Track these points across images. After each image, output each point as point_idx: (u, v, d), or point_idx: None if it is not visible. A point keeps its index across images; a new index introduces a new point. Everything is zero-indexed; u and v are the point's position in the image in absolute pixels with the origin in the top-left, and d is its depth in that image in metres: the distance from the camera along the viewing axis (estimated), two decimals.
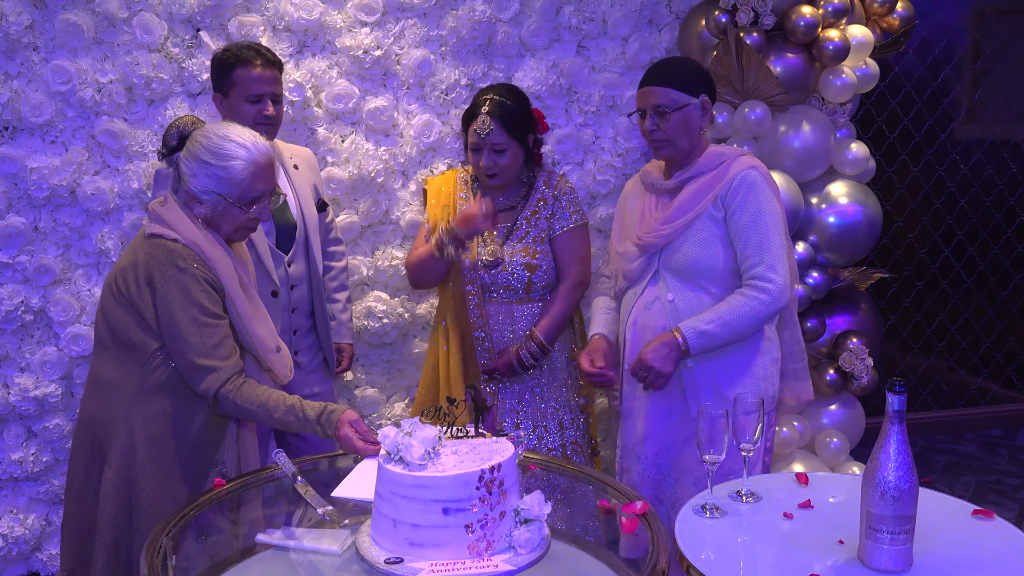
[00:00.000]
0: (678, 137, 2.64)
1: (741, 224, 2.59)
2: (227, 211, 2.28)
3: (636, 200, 2.84)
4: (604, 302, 2.97)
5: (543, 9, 3.55)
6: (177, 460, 2.27)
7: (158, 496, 2.24)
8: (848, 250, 3.49)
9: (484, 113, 2.98)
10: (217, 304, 2.24)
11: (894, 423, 1.72)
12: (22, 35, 3.13)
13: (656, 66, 2.74)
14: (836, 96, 3.44)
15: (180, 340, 2.20)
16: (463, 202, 3.12)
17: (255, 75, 2.91)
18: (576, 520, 2.09)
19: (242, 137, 2.28)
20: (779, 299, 2.57)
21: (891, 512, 1.71)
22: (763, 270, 2.57)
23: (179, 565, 1.87)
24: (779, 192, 2.71)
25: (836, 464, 3.58)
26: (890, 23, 3.58)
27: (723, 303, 2.59)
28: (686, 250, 2.64)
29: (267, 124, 2.94)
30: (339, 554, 1.90)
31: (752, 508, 2.06)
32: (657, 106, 2.63)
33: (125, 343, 2.27)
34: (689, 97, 2.63)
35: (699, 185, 2.65)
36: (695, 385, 2.66)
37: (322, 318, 3.17)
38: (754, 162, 2.67)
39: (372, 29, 3.47)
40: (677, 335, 2.55)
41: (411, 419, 1.88)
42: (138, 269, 2.24)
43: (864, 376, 3.49)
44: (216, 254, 2.27)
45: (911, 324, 5.00)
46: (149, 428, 2.25)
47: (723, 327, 2.55)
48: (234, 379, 2.22)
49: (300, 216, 3.07)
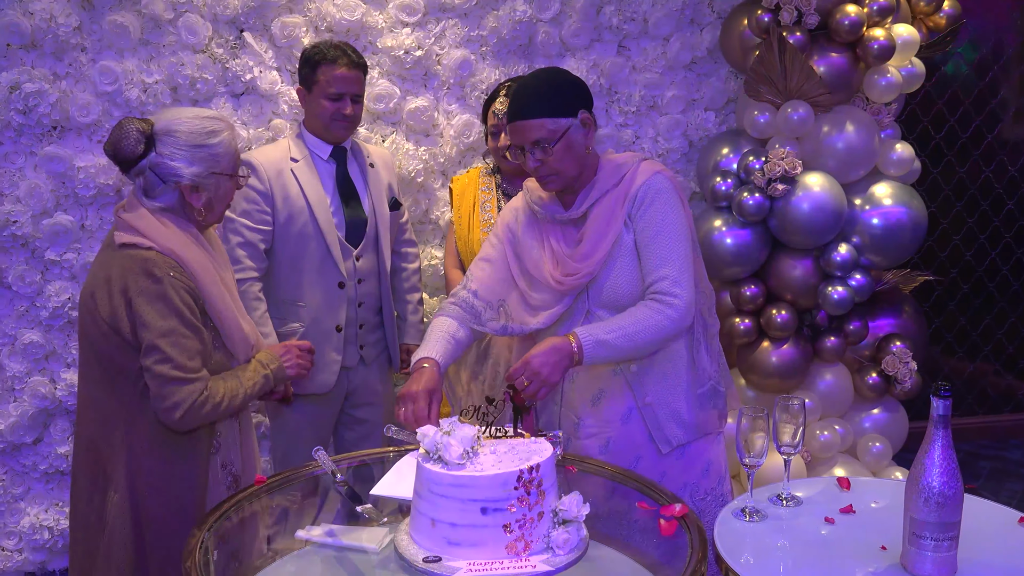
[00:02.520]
0: (566, 167, 2.31)
1: (644, 235, 2.31)
2: (223, 188, 2.28)
3: (532, 235, 2.47)
4: (449, 326, 2.43)
5: (584, 9, 3.54)
6: (183, 476, 2.23)
7: (166, 515, 2.22)
8: (892, 252, 3.44)
9: (502, 95, 3.09)
10: (195, 314, 2.18)
11: (938, 428, 1.69)
12: (70, 36, 3.19)
13: (520, 95, 2.31)
14: (881, 96, 3.40)
15: (157, 352, 2.11)
16: (484, 195, 3.20)
17: (338, 74, 2.99)
18: (614, 522, 2.08)
19: (207, 113, 2.29)
20: (685, 316, 2.27)
21: (935, 518, 1.69)
22: (668, 284, 2.27)
23: (220, 561, 1.89)
24: (686, 200, 2.42)
25: (878, 469, 3.54)
26: (937, 22, 3.52)
27: (625, 314, 2.27)
28: (613, 283, 2.34)
29: (345, 122, 3.05)
30: (377, 552, 1.90)
31: (792, 512, 2.04)
32: (536, 141, 2.27)
33: (115, 368, 2.19)
34: (567, 120, 2.28)
35: (604, 207, 2.35)
36: (658, 423, 2.40)
37: (389, 316, 3.25)
38: (656, 167, 2.37)
39: (413, 29, 3.48)
40: (572, 340, 2.20)
41: (450, 418, 1.89)
42: (112, 285, 2.15)
43: (907, 380, 3.44)
44: (193, 256, 2.20)
45: (956, 327, 4.93)
46: (152, 449, 2.21)
47: (625, 339, 2.23)
48: (204, 391, 2.17)
49: (372, 212, 3.15)
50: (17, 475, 3.42)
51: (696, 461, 2.44)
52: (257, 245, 3.01)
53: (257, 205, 3.00)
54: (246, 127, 3.41)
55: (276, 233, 3.03)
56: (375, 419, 3.27)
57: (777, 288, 3.47)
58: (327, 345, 3.10)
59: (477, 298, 2.49)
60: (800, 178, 3.29)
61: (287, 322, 3.08)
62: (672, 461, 2.41)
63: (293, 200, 3.02)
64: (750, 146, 3.50)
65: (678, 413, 2.41)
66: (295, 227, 3.03)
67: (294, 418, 3.17)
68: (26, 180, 3.22)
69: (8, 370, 3.33)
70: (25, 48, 3.19)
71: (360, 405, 3.27)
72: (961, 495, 1.70)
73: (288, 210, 3.02)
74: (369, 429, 3.28)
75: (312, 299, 3.07)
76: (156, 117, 2.25)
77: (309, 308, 3.07)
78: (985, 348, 4.97)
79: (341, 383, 3.17)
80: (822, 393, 3.54)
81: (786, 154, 3.28)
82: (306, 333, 3.08)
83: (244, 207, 3.00)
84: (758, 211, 3.31)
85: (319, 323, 3.08)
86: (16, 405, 3.34)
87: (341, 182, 3.13)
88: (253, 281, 3.01)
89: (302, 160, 3.07)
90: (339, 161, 3.13)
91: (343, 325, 3.10)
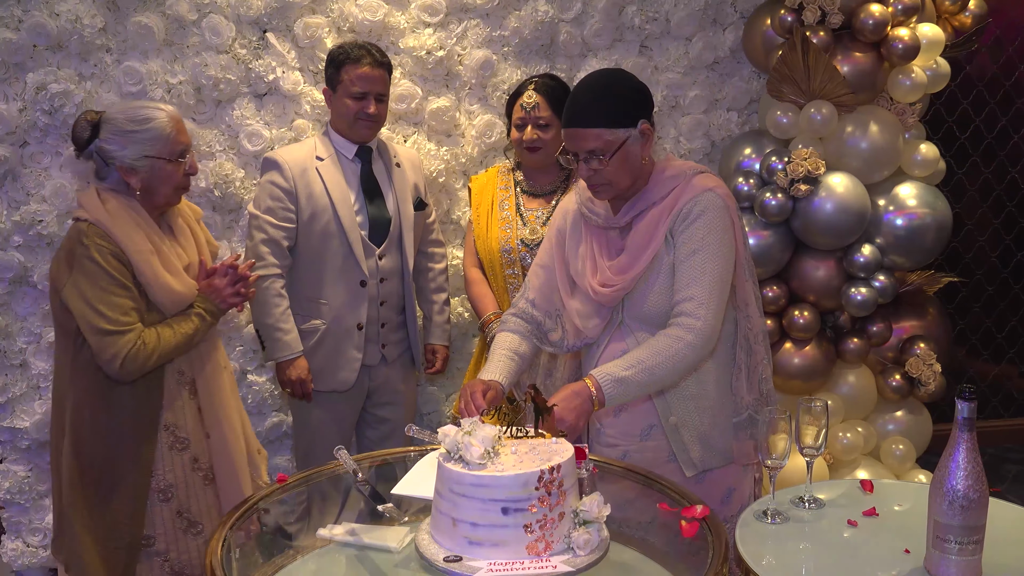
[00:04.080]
0: (619, 178, 2.23)
1: (680, 253, 2.21)
2: (161, 171, 2.47)
3: (577, 238, 2.41)
4: (511, 342, 2.41)
5: (606, 9, 3.54)
6: (121, 424, 2.46)
7: (109, 458, 2.46)
8: (916, 253, 3.41)
9: (531, 89, 3.10)
10: (125, 275, 2.40)
11: (963, 431, 1.67)
12: (95, 37, 3.21)
13: (578, 99, 2.22)
14: (905, 96, 3.37)
15: (91, 310, 2.36)
16: (503, 194, 3.20)
17: (361, 73, 3.02)
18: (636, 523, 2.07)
19: (150, 103, 2.54)
20: (707, 342, 2.17)
21: (959, 522, 1.67)
22: (691, 306, 2.17)
23: (242, 559, 1.90)
24: (739, 222, 2.30)
25: (901, 472, 3.52)
26: (962, 21, 3.50)
27: (644, 346, 2.19)
28: (647, 299, 2.26)
29: (368, 121, 3.07)
30: (398, 551, 1.91)
31: (815, 514, 2.03)
32: (591, 151, 2.19)
33: (60, 326, 2.48)
34: (627, 131, 2.19)
35: (648, 220, 2.25)
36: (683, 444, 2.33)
37: (412, 315, 3.26)
38: (709, 183, 2.25)
39: (435, 30, 3.49)
40: (590, 384, 2.12)
41: (471, 418, 1.89)
42: (60, 254, 2.45)
43: (931, 382, 3.42)
44: (122, 227, 2.41)
45: (981, 329, 4.88)
46: (88, 399, 2.46)
47: (644, 373, 2.14)
48: (139, 340, 2.39)
49: (396, 212, 3.17)
50: (42, 472, 3.45)
51: (717, 488, 2.33)
52: (280, 242, 3.04)
53: (281, 203, 3.03)
54: (268, 127, 3.43)
55: (299, 230, 3.06)
56: (397, 418, 3.28)
57: (800, 289, 3.46)
58: (348, 343, 3.11)
59: (535, 308, 2.46)
60: (823, 179, 3.27)
61: (309, 319, 3.10)
62: (691, 484, 2.28)
63: (317, 198, 3.04)
64: (773, 146, 3.48)
65: (706, 437, 2.32)
66: (318, 225, 3.04)
67: (316, 416, 3.19)
68: (51, 180, 3.25)
69: (33, 368, 3.36)
70: (51, 49, 3.21)
71: (382, 404, 3.28)
72: (986, 498, 1.68)
73: (312, 208, 3.04)
74: (391, 428, 3.30)
75: (334, 297, 3.09)
76: (114, 105, 2.54)
77: (331, 306, 3.09)
78: (1010, 350, 4.92)
79: (362, 381, 3.19)
80: (845, 395, 3.52)
81: (809, 154, 3.26)
82: (327, 330, 3.10)
83: (268, 204, 3.03)
84: (780, 212, 3.30)
85: (340, 321, 3.10)
86: (41, 403, 3.37)
87: (366, 181, 3.14)
88: (276, 278, 3.03)
89: (327, 159, 3.09)
90: (364, 160, 3.15)
91: (364, 323, 3.12)
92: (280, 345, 3.05)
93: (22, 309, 3.34)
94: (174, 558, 2.56)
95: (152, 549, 2.54)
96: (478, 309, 3.25)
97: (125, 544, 2.50)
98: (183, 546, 2.57)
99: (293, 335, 3.04)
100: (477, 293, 3.25)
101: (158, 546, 2.54)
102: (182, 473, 2.55)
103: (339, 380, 3.13)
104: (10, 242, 3.25)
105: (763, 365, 2.38)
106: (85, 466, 2.47)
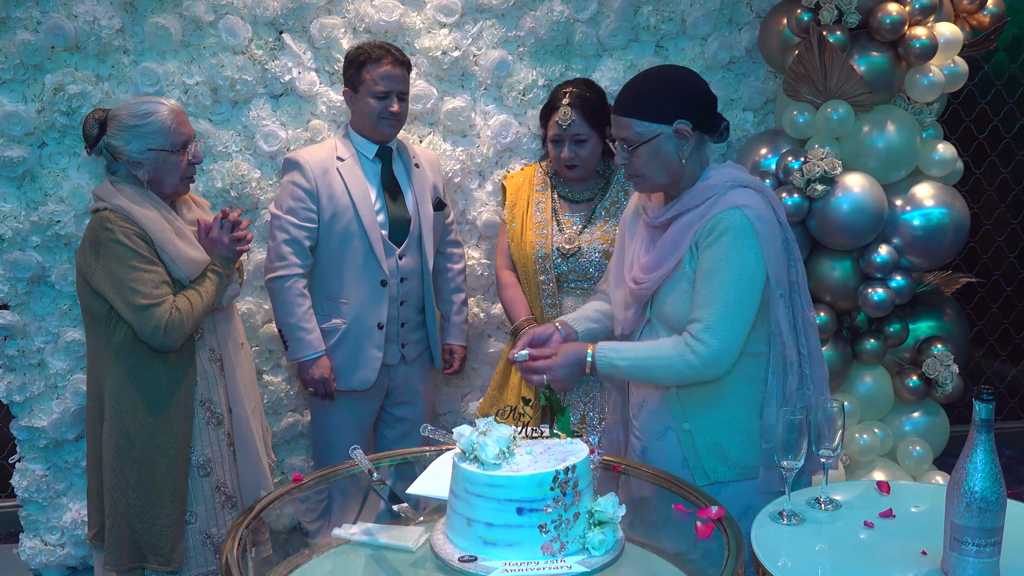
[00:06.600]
0: (650, 172, 2.23)
1: (700, 269, 2.19)
2: (166, 162, 2.59)
3: (633, 232, 2.44)
4: (601, 305, 2.54)
5: (621, 9, 3.53)
6: (160, 401, 2.58)
7: (151, 435, 2.57)
8: (933, 253, 3.39)
9: (565, 105, 3.04)
10: (151, 252, 2.54)
11: (981, 432, 1.66)
12: (113, 38, 3.23)
13: (627, 88, 2.28)
14: (922, 95, 3.35)
15: (126, 289, 2.49)
16: (539, 195, 3.17)
17: (383, 72, 3.04)
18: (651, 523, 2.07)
19: (152, 97, 2.68)
20: (708, 366, 2.16)
21: (977, 524, 1.66)
22: (698, 328, 2.15)
23: (258, 557, 1.91)
24: (775, 239, 2.22)
25: (918, 473, 3.50)
26: (980, 20, 3.47)
27: (652, 344, 2.25)
28: (671, 305, 2.26)
29: (392, 119, 3.10)
30: (413, 551, 1.91)
31: (831, 516, 2.02)
32: (623, 139, 2.24)
33: (90, 314, 2.59)
34: (658, 127, 2.19)
35: (679, 227, 2.24)
36: (696, 451, 2.31)
37: (431, 315, 3.27)
38: (743, 199, 2.19)
39: (451, 30, 3.49)
40: (589, 354, 2.24)
41: (487, 418, 1.89)
42: (85, 244, 2.57)
43: (949, 383, 3.40)
44: (138, 209, 2.55)
45: (999, 330, 4.85)
46: (126, 380, 2.56)
47: (637, 369, 2.23)
48: (173, 308, 2.53)
49: (416, 212, 3.18)
50: (60, 471, 3.47)
51: (732, 503, 2.15)
52: (302, 242, 3.05)
53: (303, 203, 3.05)
54: (284, 128, 3.44)
55: (320, 230, 3.07)
56: (415, 418, 3.29)
57: (816, 289, 3.44)
58: (368, 342, 3.13)
59: (607, 295, 2.53)
60: (840, 179, 3.26)
61: (329, 318, 3.12)
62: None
63: (338, 198, 3.06)
64: (789, 146, 3.47)
65: (722, 449, 2.28)
66: (339, 225, 3.06)
67: (335, 415, 3.20)
68: (69, 180, 3.27)
69: (51, 367, 3.38)
70: (69, 50, 3.23)
71: (400, 403, 3.29)
72: (1004, 500, 1.67)
73: (333, 208, 3.06)
74: (409, 428, 3.31)
75: (354, 296, 3.11)
76: (120, 102, 2.71)
77: (351, 305, 3.11)
78: None
79: (382, 380, 3.20)
80: (861, 396, 3.50)
81: (825, 154, 3.24)
82: (348, 330, 3.12)
83: (290, 204, 3.05)
84: (797, 212, 3.28)
85: (361, 320, 3.12)
86: (59, 402, 3.39)
87: (386, 181, 3.16)
88: (298, 278, 3.05)
89: (348, 159, 3.11)
90: (384, 160, 3.17)
91: (384, 323, 3.13)
92: (303, 344, 3.07)
93: (40, 309, 3.35)
94: (215, 534, 2.62)
95: (195, 526, 2.62)
96: (510, 314, 3.21)
97: (171, 521, 2.57)
98: (222, 522, 2.66)
99: (316, 334, 3.06)
100: (510, 297, 3.21)
101: (199, 523, 2.62)
102: (218, 448, 2.67)
103: (359, 379, 3.15)
104: (28, 242, 3.27)
105: (799, 398, 2.26)
106: (127, 447, 2.56)
